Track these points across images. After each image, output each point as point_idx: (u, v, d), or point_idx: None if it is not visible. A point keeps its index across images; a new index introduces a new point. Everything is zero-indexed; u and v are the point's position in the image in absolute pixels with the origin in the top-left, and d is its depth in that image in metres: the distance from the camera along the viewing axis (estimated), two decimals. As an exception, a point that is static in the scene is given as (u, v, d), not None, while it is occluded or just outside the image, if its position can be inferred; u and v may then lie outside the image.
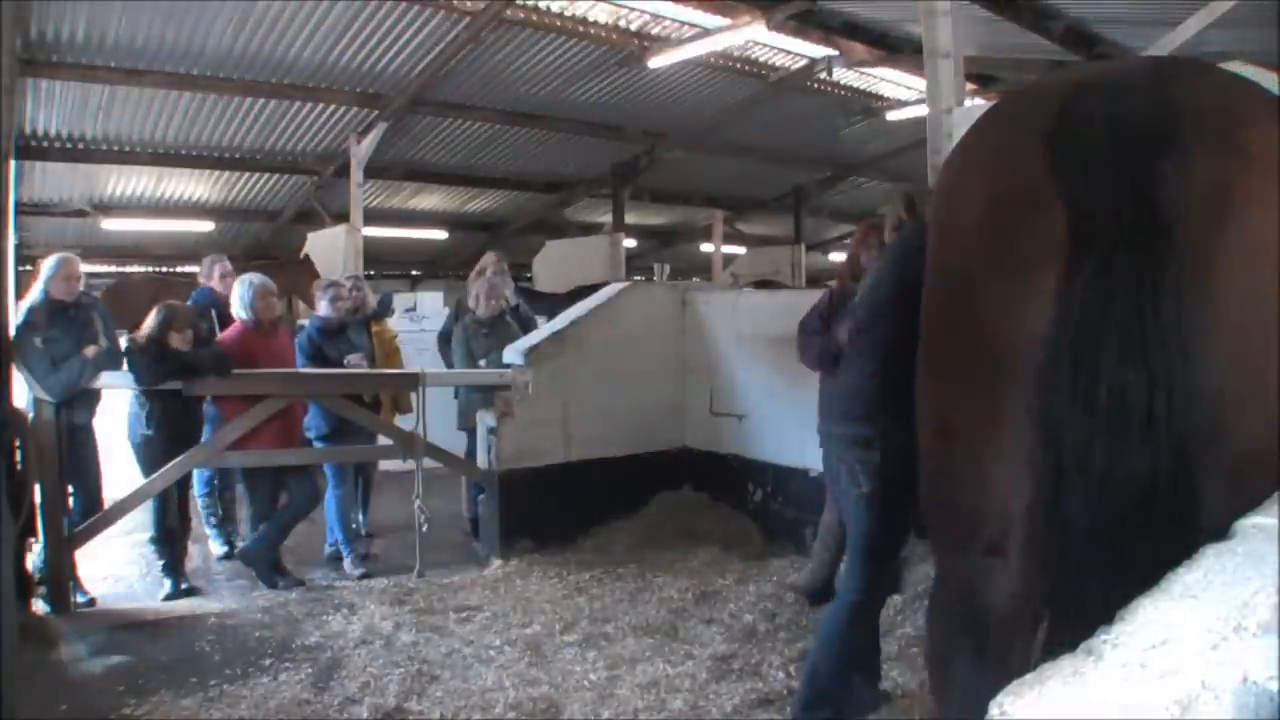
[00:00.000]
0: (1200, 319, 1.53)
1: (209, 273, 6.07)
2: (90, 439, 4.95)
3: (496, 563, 5.44)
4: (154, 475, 4.89)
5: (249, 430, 5.06)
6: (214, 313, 5.72)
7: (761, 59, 9.89)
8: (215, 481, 5.75)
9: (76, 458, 4.79)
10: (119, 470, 5.32)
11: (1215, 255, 1.55)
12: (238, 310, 5.20)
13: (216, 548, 5.76)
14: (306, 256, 10.57)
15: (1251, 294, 1.55)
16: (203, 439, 5.13)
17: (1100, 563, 1.55)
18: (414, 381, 5.57)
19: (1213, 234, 1.55)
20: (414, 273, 16.69)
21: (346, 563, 5.46)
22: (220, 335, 5.35)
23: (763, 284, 12.14)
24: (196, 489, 5.70)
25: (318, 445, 5.46)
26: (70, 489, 4.80)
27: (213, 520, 5.77)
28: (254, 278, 5.30)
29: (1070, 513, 1.59)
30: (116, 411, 5.26)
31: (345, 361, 5.48)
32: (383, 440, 5.63)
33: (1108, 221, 1.59)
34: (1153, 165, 1.57)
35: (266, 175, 11.31)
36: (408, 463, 5.56)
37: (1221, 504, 1.27)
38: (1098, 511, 1.57)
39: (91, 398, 4.93)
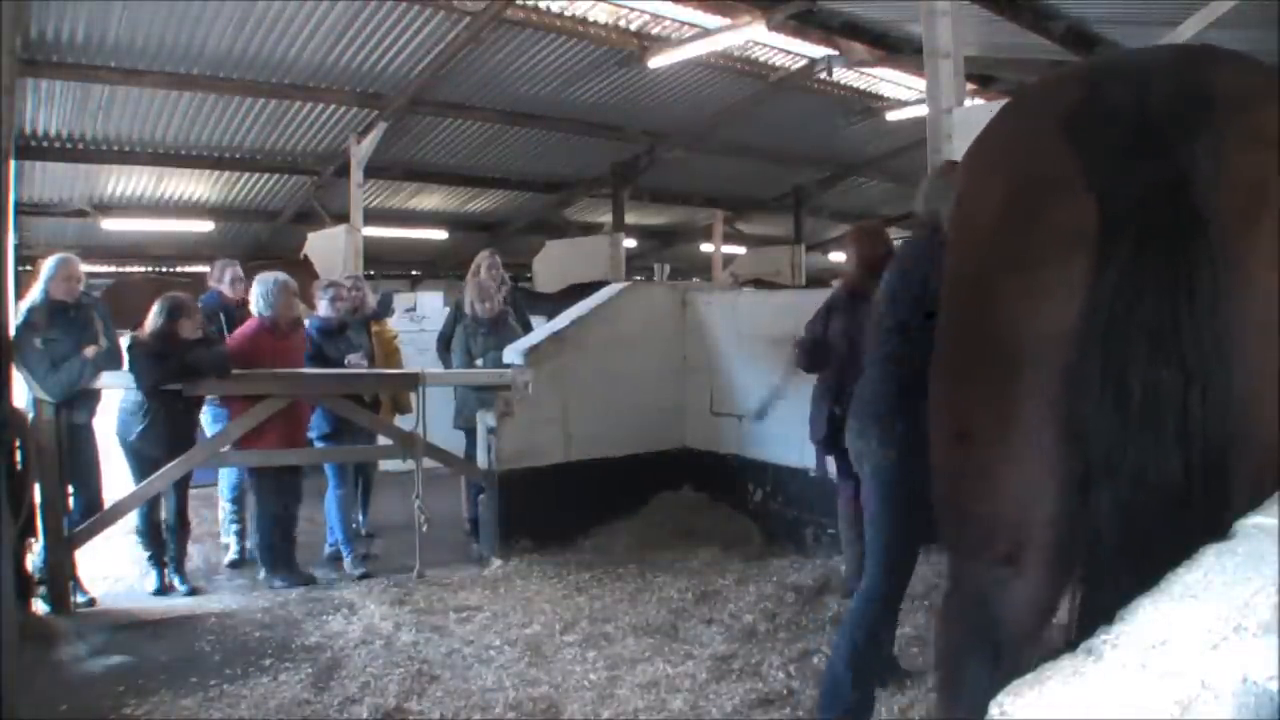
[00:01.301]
0: (1235, 316, 1.47)
1: (219, 276, 6.02)
2: (90, 439, 4.95)
3: (496, 563, 5.44)
4: (154, 475, 4.90)
5: (253, 430, 5.06)
6: (223, 317, 5.70)
7: (761, 59, 9.89)
8: (244, 485, 5.75)
9: (77, 458, 4.79)
10: (119, 470, 5.33)
11: (1247, 251, 1.49)
12: (259, 307, 5.17)
13: (231, 553, 5.74)
14: (306, 257, 10.57)
15: None
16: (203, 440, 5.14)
17: (1130, 566, 1.49)
18: (414, 381, 5.57)
19: (1245, 229, 1.49)
20: (414, 273, 16.69)
21: (346, 563, 5.46)
22: (236, 332, 5.34)
23: (756, 284, 12.14)
24: (224, 494, 5.69)
25: (319, 445, 5.46)
26: (70, 489, 4.81)
27: (235, 528, 5.73)
28: (278, 275, 5.29)
29: (1099, 515, 1.53)
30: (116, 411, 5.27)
31: (345, 361, 5.48)
32: (383, 440, 5.63)
33: (1138, 211, 1.52)
34: (1184, 153, 1.51)
35: (266, 175, 11.30)
36: (407, 463, 5.56)
37: (1250, 505, 1.24)
38: (1128, 513, 1.51)
39: (91, 398, 4.93)
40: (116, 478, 5.25)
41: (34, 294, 4.81)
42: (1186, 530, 1.46)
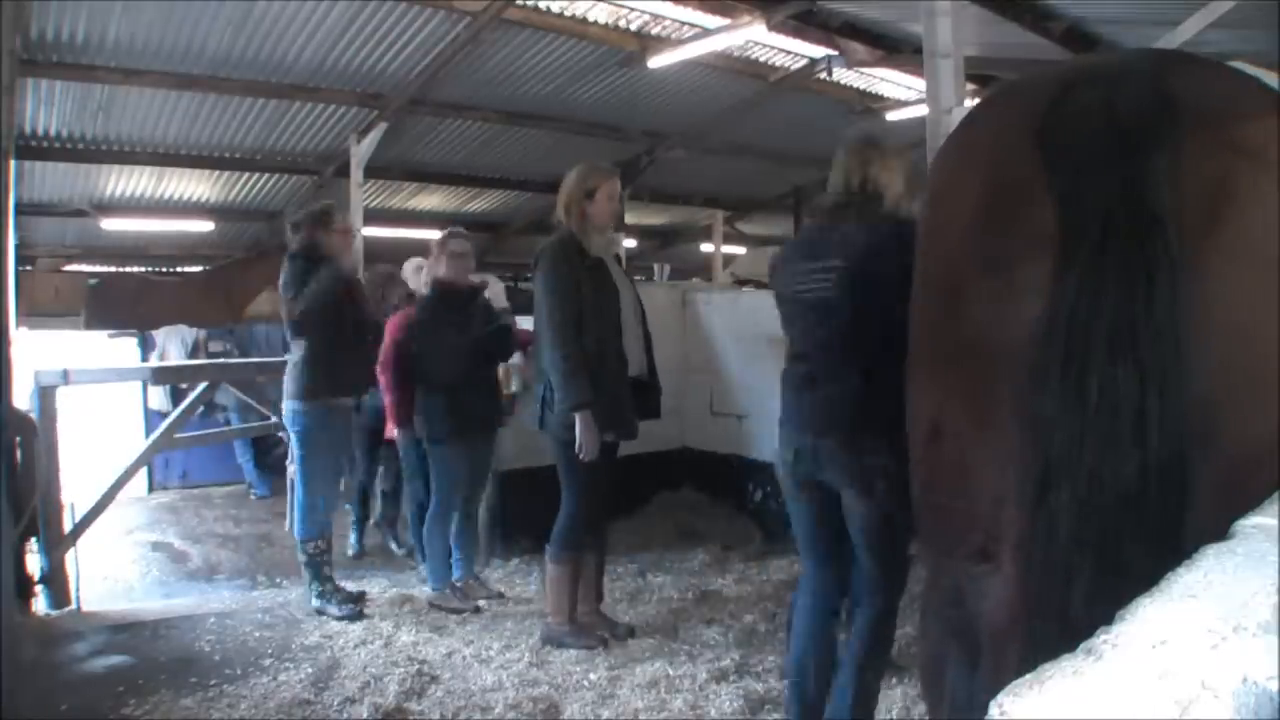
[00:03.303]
0: (1194, 317, 1.51)
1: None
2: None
3: (496, 563, 5.44)
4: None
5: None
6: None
7: (761, 59, 9.88)
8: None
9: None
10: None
11: (1210, 252, 1.53)
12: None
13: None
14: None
15: (1246, 292, 1.53)
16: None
17: (1086, 564, 1.53)
18: None
19: (1207, 231, 1.53)
20: (414, 273, 16.66)
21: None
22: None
23: (756, 284, 12.09)
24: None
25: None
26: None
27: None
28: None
29: (1056, 512, 1.57)
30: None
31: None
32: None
33: (1099, 216, 1.56)
34: (1146, 160, 1.55)
35: (266, 175, 11.29)
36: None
37: (1214, 507, 1.26)
38: (1085, 511, 1.55)
39: None
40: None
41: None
42: (1143, 529, 1.50)
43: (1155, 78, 1.66)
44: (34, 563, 4.68)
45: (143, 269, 13.36)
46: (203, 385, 5.82)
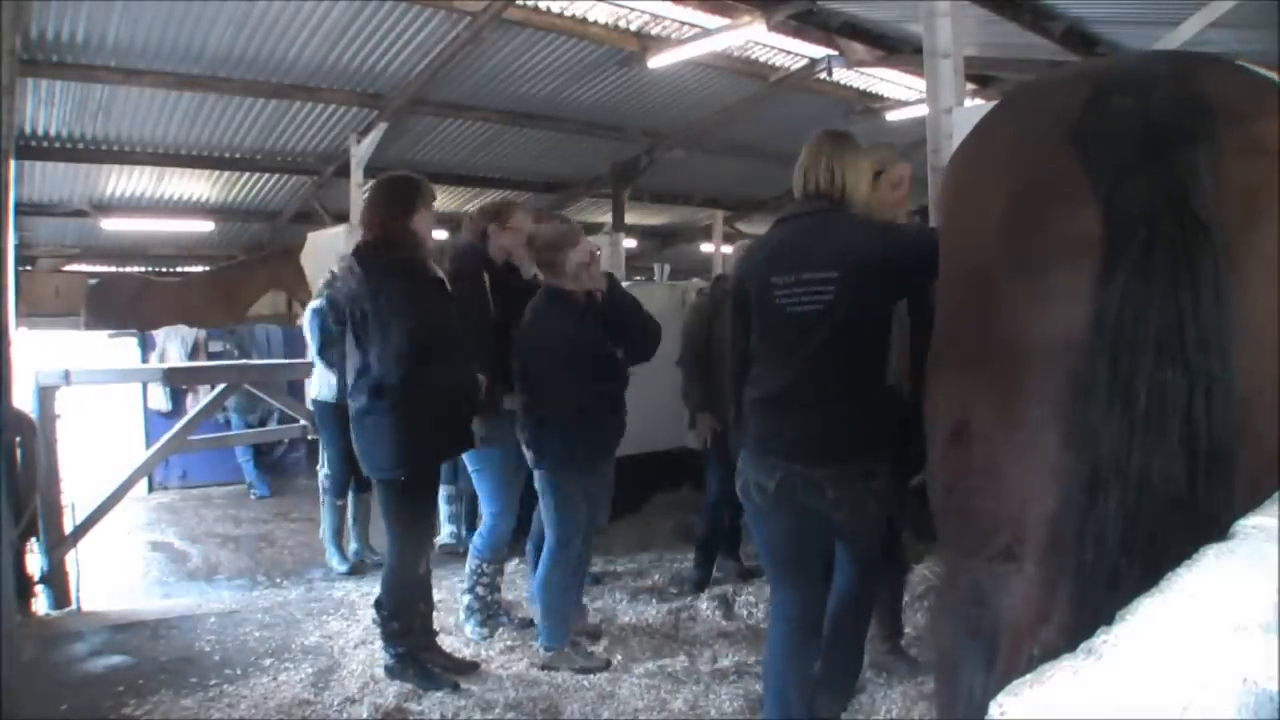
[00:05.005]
0: (1236, 320, 1.51)
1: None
2: None
3: (496, 563, 5.44)
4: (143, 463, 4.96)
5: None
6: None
7: (761, 59, 9.88)
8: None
9: None
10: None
11: (1248, 254, 1.53)
12: None
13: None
14: (289, 248, 10.44)
15: (1275, 293, 1.53)
16: None
17: (1134, 566, 1.52)
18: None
19: (1244, 231, 1.54)
20: (414, 273, 16.67)
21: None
22: None
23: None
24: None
25: None
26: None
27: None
28: None
29: (1104, 517, 1.56)
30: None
31: None
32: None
33: (1143, 219, 1.56)
34: (1186, 162, 1.55)
35: (266, 175, 11.29)
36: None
37: (1249, 508, 1.25)
38: (1132, 515, 1.54)
39: None
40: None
41: None
42: (1190, 531, 1.47)
43: (1185, 80, 1.65)
44: (34, 563, 4.69)
45: (143, 269, 13.36)
46: (222, 386, 5.79)
